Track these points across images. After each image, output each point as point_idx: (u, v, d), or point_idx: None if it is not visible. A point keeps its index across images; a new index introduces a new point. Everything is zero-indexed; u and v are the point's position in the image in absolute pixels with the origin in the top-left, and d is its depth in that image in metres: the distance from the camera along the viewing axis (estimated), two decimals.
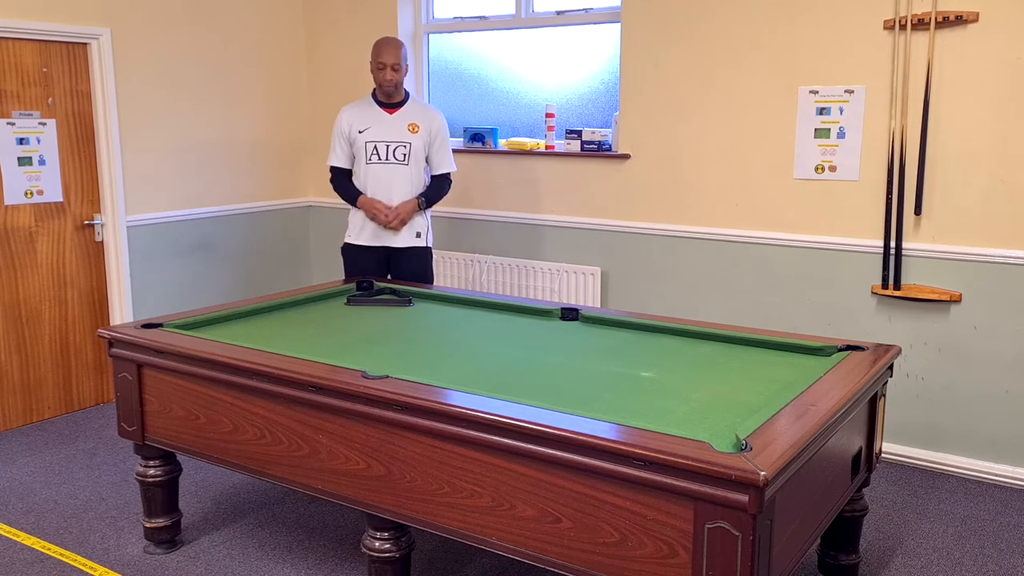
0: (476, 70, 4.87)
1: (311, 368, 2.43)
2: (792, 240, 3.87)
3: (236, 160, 4.91)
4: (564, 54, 4.60)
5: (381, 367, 2.41)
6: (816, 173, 3.79)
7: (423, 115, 3.88)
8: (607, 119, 4.47)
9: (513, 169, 4.61)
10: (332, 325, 3.09)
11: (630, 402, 2.25)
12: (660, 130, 4.14)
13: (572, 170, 4.43)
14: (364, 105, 3.88)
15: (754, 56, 3.86)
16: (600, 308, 4.26)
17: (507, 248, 4.63)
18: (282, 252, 5.23)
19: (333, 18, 5.11)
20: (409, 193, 3.83)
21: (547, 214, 4.52)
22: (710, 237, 4.06)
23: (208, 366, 2.60)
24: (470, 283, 4.69)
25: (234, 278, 4.94)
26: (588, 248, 4.40)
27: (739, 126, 3.95)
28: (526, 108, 4.73)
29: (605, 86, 4.48)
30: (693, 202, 4.10)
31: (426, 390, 2.24)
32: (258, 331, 2.93)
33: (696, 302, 4.11)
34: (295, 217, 5.29)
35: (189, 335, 2.80)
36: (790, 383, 2.36)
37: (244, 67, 4.90)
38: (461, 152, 4.65)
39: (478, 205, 4.73)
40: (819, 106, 3.73)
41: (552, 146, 4.51)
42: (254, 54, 4.95)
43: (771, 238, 3.92)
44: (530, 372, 2.52)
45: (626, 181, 4.26)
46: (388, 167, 3.79)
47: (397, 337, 2.94)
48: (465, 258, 4.71)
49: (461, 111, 4.91)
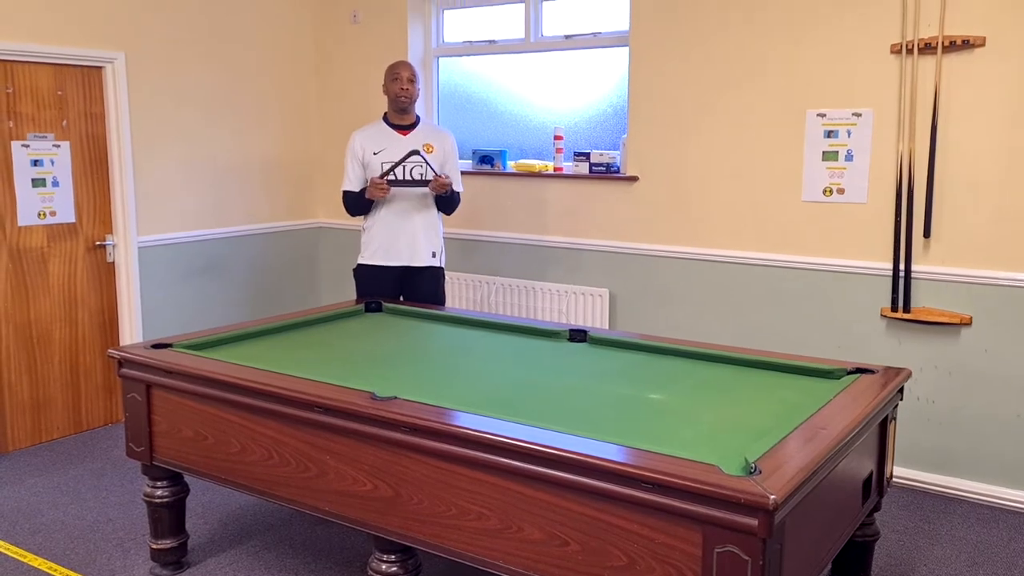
0: (485, 93, 4.90)
1: (319, 389, 2.43)
2: (800, 262, 3.86)
3: (247, 182, 4.94)
4: (573, 78, 4.62)
5: (389, 388, 2.41)
6: (824, 195, 3.79)
7: (435, 136, 3.90)
8: (615, 141, 4.49)
9: (522, 191, 4.63)
10: (341, 346, 3.09)
11: (638, 424, 2.24)
12: (668, 152, 4.15)
13: (580, 192, 4.44)
14: (377, 128, 3.90)
15: (762, 79, 3.88)
16: (608, 330, 4.24)
17: (516, 269, 4.64)
18: (292, 273, 5.25)
19: (343, 41, 5.16)
20: (426, 213, 3.85)
21: (555, 236, 4.52)
22: (718, 259, 4.06)
23: (217, 387, 2.61)
24: (479, 304, 4.69)
25: (244, 299, 4.95)
26: (596, 270, 4.40)
27: (747, 149, 3.96)
28: (535, 131, 4.76)
29: (613, 109, 4.50)
30: (701, 224, 4.10)
31: (434, 411, 2.24)
32: (267, 352, 2.94)
33: (704, 324, 4.10)
34: (305, 238, 5.31)
35: (198, 355, 2.80)
36: (799, 406, 2.34)
37: (255, 90, 4.94)
38: (470, 174, 4.67)
39: (487, 227, 4.74)
40: (827, 129, 3.74)
41: (561, 168, 4.52)
42: (265, 77, 4.99)
43: (779, 260, 3.91)
44: (538, 394, 2.51)
45: (634, 203, 4.27)
46: (406, 191, 3.80)
47: (406, 358, 2.94)
48: (474, 280, 4.71)
49: (470, 134, 4.94)
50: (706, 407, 2.40)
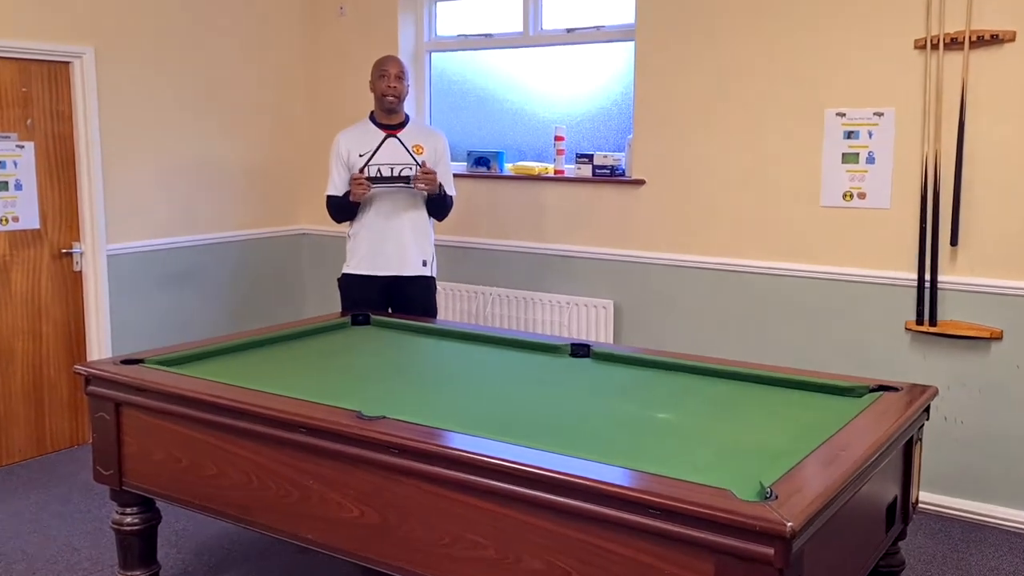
0: (481, 90, 4.91)
1: (302, 408, 2.43)
2: (819, 272, 3.87)
3: (225, 185, 4.94)
4: (574, 74, 4.64)
5: (377, 407, 2.41)
6: (844, 200, 3.79)
7: (426, 136, 3.91)
8: (620, 142, 4.50)
9: (520, 195, 4.63)
10: (325, 362, 3.08)
11: (645, 446, 2.24)
12: (677, 154, 4.16)
13: (583, 196, 4.45)
14: (362, 128, 3.91)
15: (777, 76, 3.89)
16: (613, 344, 4.26)
17: (514, 279, 4.64)
18: (273, 283, 5.25)
19: (332, 36, 5.17)
20: (416, 217, 3.85)
21: (556, 243, 4.52)
22: (731, 268, 4.06)
23: (192, 405, 2.60)
24: (474, 317, 4.69)
25: (221, 311, 4.95)
26: (600, 280, 4.40)
27: (761, 150, 3.96)
28: (534, 131, 4.77)
29: (618, 108, 4.51)
30: (712, 231, 4.11)
31: (425, 432, 2.23)
32: (246, 368, 2.93)
33: (716, 338, 4.10)
34: (287, 246, 5.31)
35: (172, 372, 2.80)
36: (818, 426, 2.34)
37: (235, 88, 4.95)
38: (464, 177, 4.68)
39: (483, 234, 4.74)
40: (847, 129, 3.75)
41: (562, 171, 4.53)
42: (246, 75, 5.00)
43: (796, 270, 3.92)
44: (538, 413, 2.51)
45: (641, 208, 4.28)
46: (393, 193, 3.81)
47: (395, 374, 2.93)
48: (469, 290, 4.71)
49: (465, 134, 4.95)
50: (718, 427, 2.40)
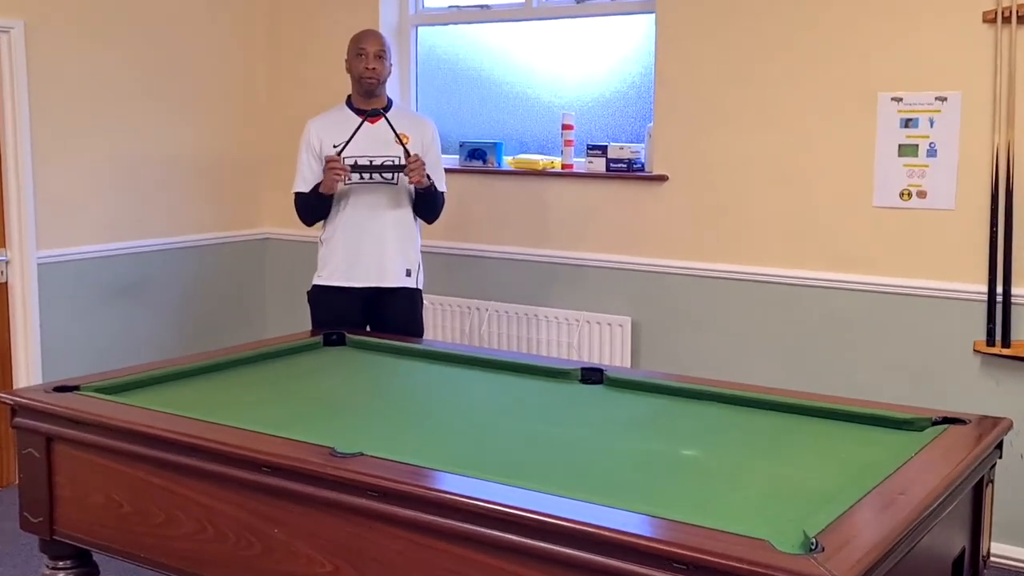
0: (475, 71, 4.92)
1: (265, 443, 2.42)
2: (871, 284, 3.87)
3: (176, 182, 4.95)
4: (585, 52, 4.65)
5: (354, 442, 2.40)
6: (901, 200, 3.80)
7: (412, 124, 3.92)
8: (639, 132, 4.50)
9: (521, 194, 4.64)
10: (292, 389, 3.08)
11: (668, 488, 2.24)
12: (705, 146, 4.17)
13: (595, 195, 4.46)
14: (337, 115, 3.92)
15: (823, 55, 3.90)
16: (630, 368, 4.26)
17: (514, 292, 4.64)
18: (232, 296, 5.25)
19: (300, 10, 5.19)
20: (400, 218, 3.86)
21: (564, 250, 4.53)
22: (768, 279, 4.07)
23: (136, 440, 2.60)
24: (467, 336, 4.69)
25: (171, 329, 4.95)
26: (615, 293, 4.40)
27: (804, 142, 3.97)
28: (537, 118, 4.78)
29: (636, 91, 4.52)
30: (747, 236, 4.12)
31: (410, 472, 2.23)
32: (200, 396, 2.93)
33: (751, 361, 4.11)
34: (248, 253, 5.32)
35: (113, 401, 2.80)
36: (871, 465, 2.34)
37: (190, 71, 4.96)
38: (456, 172, 4.69)
39: (478, 238, 4.75)
40: (904, 117, 3.76)
41: (570, 165, 4.54)
42: (202, 53, 5.02)
43: (845, 281, 3.92)
44: (542, 449, 2.51)
45: (663, 209, 4.29)
46: (372, 189, 3.82)
47: (374, 404, 2.93)
48: (461, 305, 4.72)
49: (456, 121, 4.96)
50: (754, 466, 2.40)
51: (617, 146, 4.41)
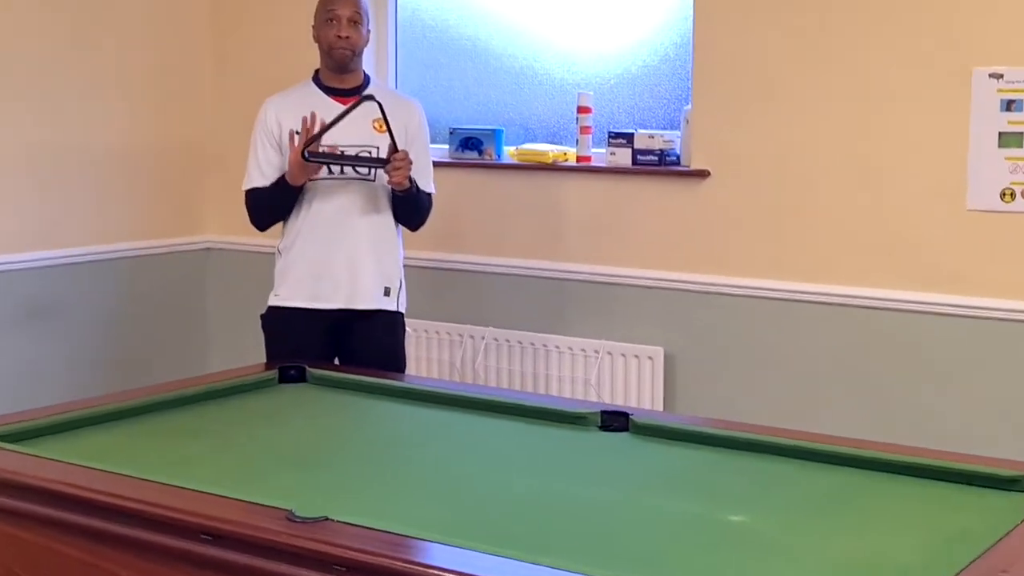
0: (469, 40, 4.93)
1: (207, 505, 2.41)
2: (964, 307, 3.86)
3: (95, 180, 4.95)
4: (607, 17, 4.65)
5: (316, 503, 2.39)
6: (1003, 202, 3.80)
7: (394, 107, 3.90)
8: (673, 116, 4.51)
9: (527, 193, 4.64)
10: (241, 436, 3.07)
11: (710, 563, 2.22)
12: (756, 134, 4.17)
13: (618, 195, 4.46)
14: (302, 94, 3.92)
15: (904, 23, 3.90)
16: (662, 412, 4.22)
17: (517, 316, 4.63)
18: (166, 321, 5.25)
19: None
20: (377, 224, 3.85)
21: (579, 263, 4.53)
22: (835, 301, 4.06)
23: (46, 500, 2.58)
24: (460, 370, 4.68)
25: (90, 361, 4.94)
26: (644, 317, 4.40)
27: (878, 129, 3.97)
28: (547, 99, 4.78)
29: (670, 67, 4.52)
30: (808, 247, 4.11)
31: (387, 541, 2.22)
32: (127, 446, 2.92)
33: (815, 403, 4.09)
34: (186, 266, 5.32)
35: (17, 451, 2.78)
36: (965, 534, 2.33)
37: (114, 45, 4.96)
38: (446, 166, 4.68)
39: (472, 249, 4.75)
40: (1005, 98, 3.76)
41: (588, 157, 4.54)
42: (130, 25, 5.01)
43: (930, 303, 3.91)
44: (553, 514, 2.49)
45: (703, 212, 4.28)
46: (345, 185, 3.82)
47: (343, 456, 2.92)
48: (452, 331, 4.71)
49: (446, 102, 4.95)
50: (816, 535, 2.39)
51: (646, 134, 4.40)
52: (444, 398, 3.38)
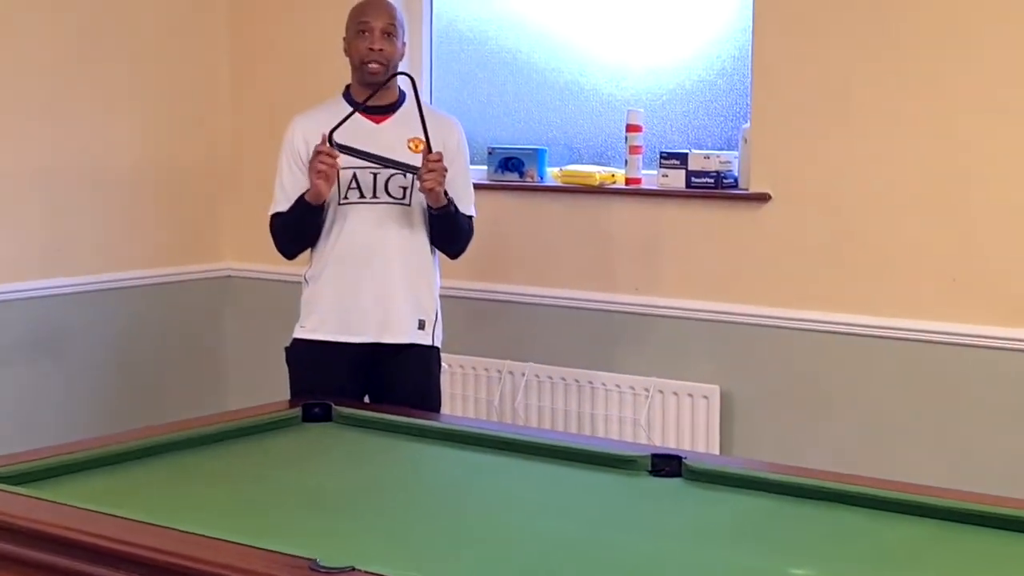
0: (510, 53, 4.95)
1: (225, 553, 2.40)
2: None
3: (106, 202, 4.98)
4: (657, 28, 4.66)
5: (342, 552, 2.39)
6: None
7: (432, 125, 3.88)
8: (731, 135, 4.51)
9: (571, 218, 4.64)
10: (261, 479, 3.08)
11: None
12: (823, 154, 4.16)
13: (671, 220, 4.45)
14: (332, 111, 3.90)
15: (985, 36, 3.87)
16: (719, 456, 4.21)
17: (561, 351, 4.63)
18: (182, 354, 5.27)
19: None
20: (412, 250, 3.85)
21: (628, 294, 4.53)
22: (908, 335, 4.04)
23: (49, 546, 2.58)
24: (498, 409, 4.68)
25: (100, 397, 4.96)
26: (698, 352, 4.39)
27: (958, 149, 3.95)
28: (593, 115, 4.79)
29: (727, 81, 4.52)
30: (876, 276, 4.09)
31: None
32: (136, 488, 2.93)
33: (885, 446, 4.07)
34: (205, 296, 5.35)
35: (19, 493, 2.79)
36: None
37: (124, 57, 5.00)
38: (485, 188, 4.67)
39: (512, 278, 4.76)
40: None
41: (637, 179, 4.55)
42: (142, 36, 5.05)
43: (1016, 339, 3.88)
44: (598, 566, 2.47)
45: (763, 239, 4.27)
46: (377, 210, 3.82)
47: (370, 501, 2.92)
48: (491, 367, 4.71)
49: (484, 119, 4.97)
50: None
51: (701, 154, 4.40)
52: (481, 439, 3.37)
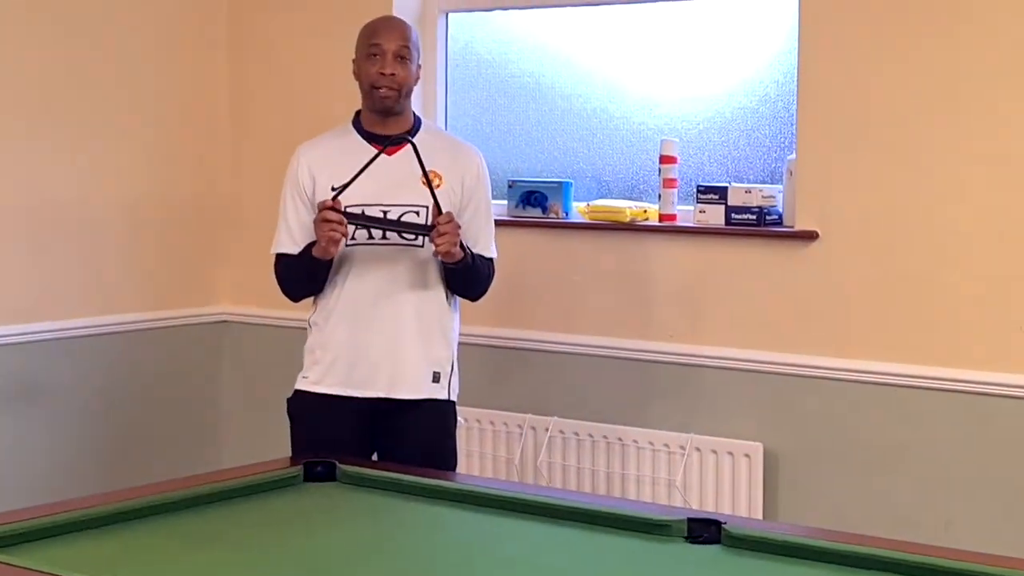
0: (532, 78, 4.97)
1: None
2: None
3: (94, 241, 5.00)
4: (692, 51, 4.68)
5: None
6: None
7: (449, 156, 3.93)
8: (774, 167, 4.52)
9: (600, 257, 4.65)
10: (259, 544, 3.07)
11: None
12: (872, 188, 4.16)
13: (710, 260, 4.46)
14: (339, 142, 3.94)
15: None
16: (761, 521, 4.17)
17: (588, 404, 4.63)
18: (173, 406, 5.27)
19: None
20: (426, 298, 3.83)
21: (662, 341, 4.53)
22: (969, 388, 4.02)
23: None
24: (519, 468, 4.68)
25: (84, 453, 4.96)
26: (739, 405, 4.39)
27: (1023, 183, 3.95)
28: (623, 145, 4.80)
29: (770, 108, 4.53)
30: (934, 322, 4.08)
31: None
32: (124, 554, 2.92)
33: (945, 510, 4.04)
34: (198, 343, 5.36)
35: None
36: None
37: (118, 86, 5.04)
38: (506, 225, 4.69)
39: (534, 323, 4.77)
40: None
41: (672, 215, 4.55)
42: (136, 64, 5.09)
43: None
44: None
45: (810, 281, 4.27)
46: (387, 252, 3.81)
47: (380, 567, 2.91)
48: (511, 422, 4.70)
49: (504, 150, 4.99)
50: None
51: (742, 188, 4.41)
52: (500, 501, 3.35)
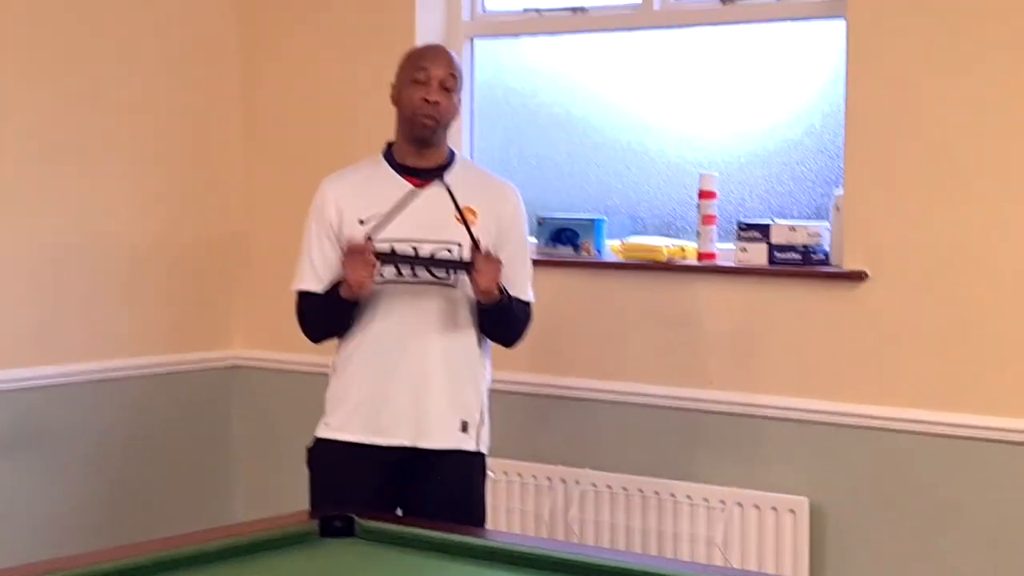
0: (563, 108, 4.98)
1: None
2: None
3: (99, 282, 5.02)
4: (733, 81, 4.70)
5: None
6: None
7: (483, 192, 3.93)
8: (820, 203, 4.52)
9: (635, 299, 4.66)
10: None
11: None
12: (925, 226, 4.16)
13: (751, 302, 4.48)
14: (368, 174, 3.93)
15: None
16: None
17: (624, 456, 4.63)
18: (181, 455, 5.27)
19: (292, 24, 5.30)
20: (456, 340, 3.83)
21: (700, 388, 4.52)
22: None
23: None
24: (550, 524, 4.67)
25: (88, 503, 4.95)
26: (784, 457, 4.39)
27: None
28: (659, 180, 4.81)
29: (815, 140, 4.53)
30: (993, 368, 4.07)
31: None
32: None
33: (1007, 568, 4.03)
34: (207, 388, 5.37)
35: None
36: None
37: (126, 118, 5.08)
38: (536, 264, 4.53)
39: (566, 368, 4.76)
40: None
41: (711, 254, 4.56)
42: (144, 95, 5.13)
43: None
44: None
45: (859, 325, 4.26)
46: (416, 290, 3.80)
47: None
48: (543, 475, 4.71)
49: (534, 184, 4.94)
50: None
51: (786, 225, 4.42)
52: (531, 559, 3.27)
